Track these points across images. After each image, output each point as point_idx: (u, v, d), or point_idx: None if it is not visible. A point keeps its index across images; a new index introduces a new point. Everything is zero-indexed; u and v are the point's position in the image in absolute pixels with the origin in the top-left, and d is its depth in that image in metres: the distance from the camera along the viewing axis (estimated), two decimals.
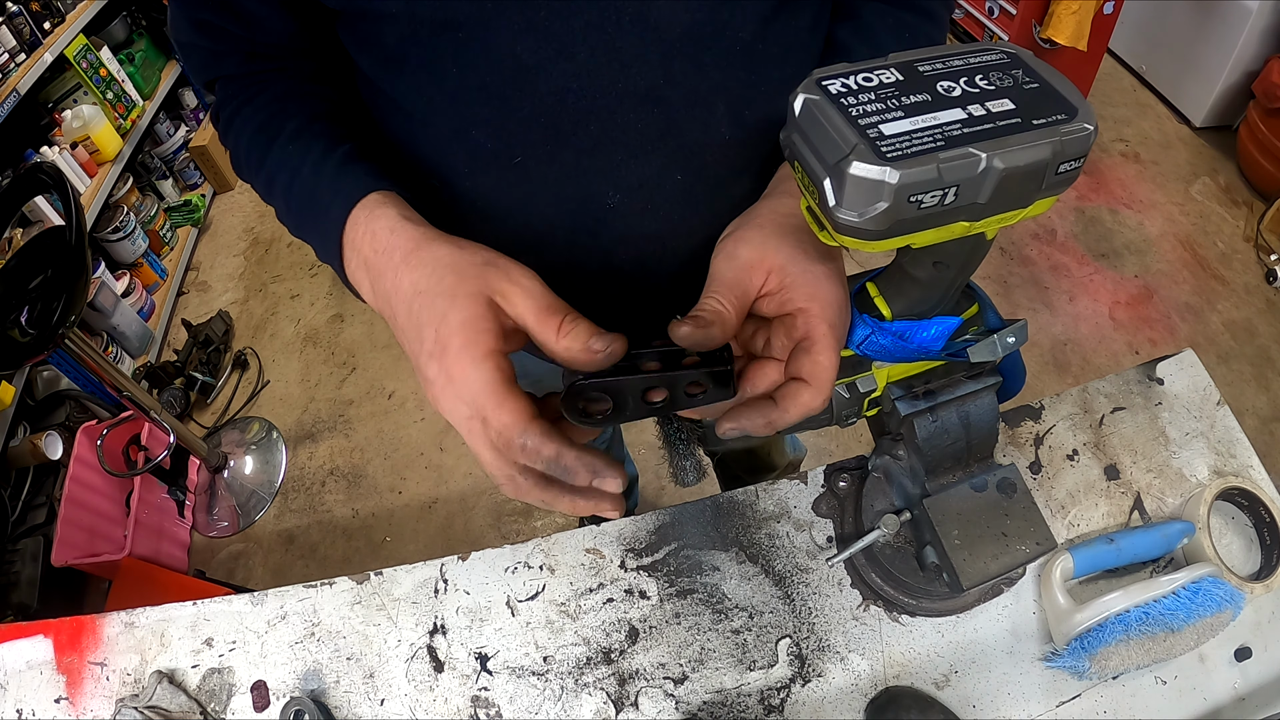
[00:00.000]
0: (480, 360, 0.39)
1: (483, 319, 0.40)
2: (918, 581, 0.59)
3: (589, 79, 0.48)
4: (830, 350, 0.43)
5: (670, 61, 0.48)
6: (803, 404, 0.43)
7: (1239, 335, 2.03)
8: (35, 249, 1.46)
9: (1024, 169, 0.32)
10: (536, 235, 0.55)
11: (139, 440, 1.79)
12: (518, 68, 0.47)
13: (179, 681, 0.65)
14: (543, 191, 0.53)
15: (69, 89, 2.26)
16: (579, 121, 0.49)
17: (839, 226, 0.34)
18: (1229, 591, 0.58)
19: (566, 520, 1.83)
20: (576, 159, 0.51)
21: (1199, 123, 2.55)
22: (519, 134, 0.50)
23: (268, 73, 0.57)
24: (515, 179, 0.52)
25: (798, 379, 0.44)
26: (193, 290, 2.57)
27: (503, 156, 0.51)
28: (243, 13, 0.52)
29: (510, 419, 0.39)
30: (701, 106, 0.50)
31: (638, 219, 0.54)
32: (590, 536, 0.68)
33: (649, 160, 0.52)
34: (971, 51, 0.37)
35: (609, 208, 0.53)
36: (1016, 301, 2.16)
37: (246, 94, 0.56)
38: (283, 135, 0.52)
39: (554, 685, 0.63)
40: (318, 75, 0.58)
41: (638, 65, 0.48)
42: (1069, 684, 0.61)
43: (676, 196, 0.54)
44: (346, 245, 0.48)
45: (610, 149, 0.51)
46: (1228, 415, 0.72)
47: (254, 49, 0.55)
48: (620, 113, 0.49)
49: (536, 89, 0.48)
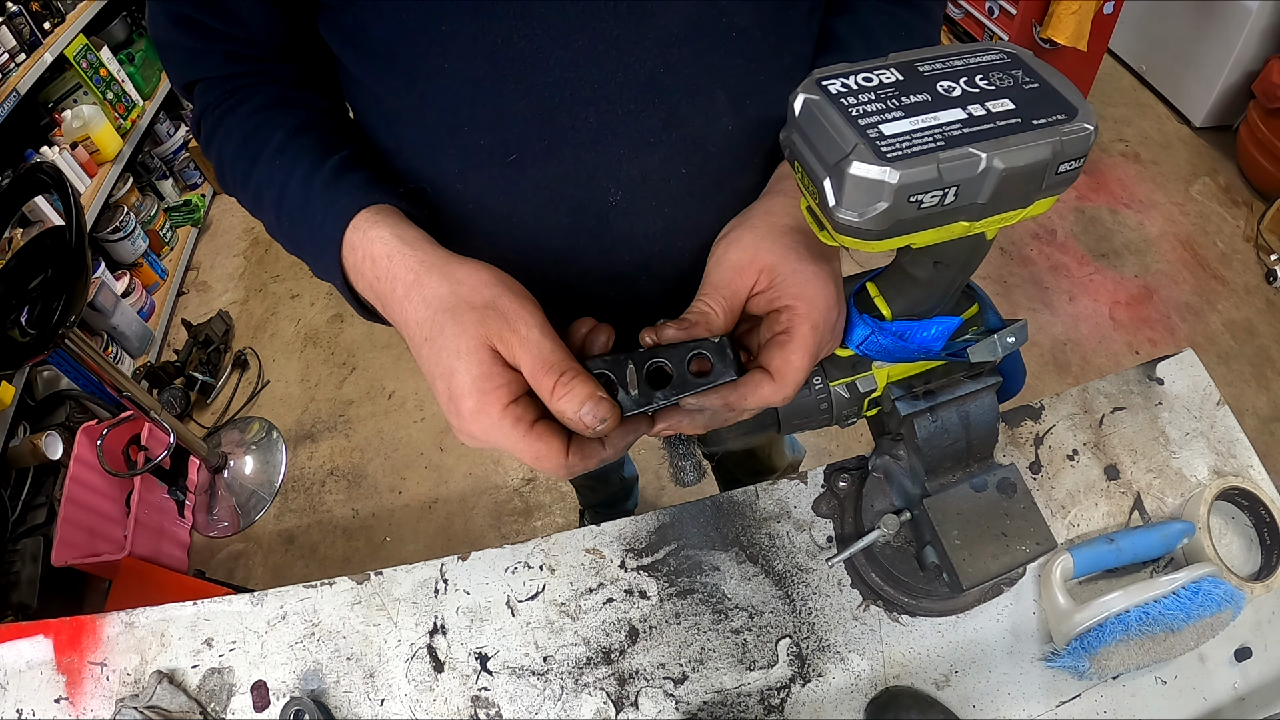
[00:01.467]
0: (498, 420, 0.39)
1: (488, 377, 0.39)
2: (918, 581, 0.59)
3: (586, 68, 0.46)
4: (804, 351, 0.43)
5: (669, 49, 0.47)
6: (762, 396, 0.43)
7: (1239, 335, 2.03)
8: (35, 249, 1.46)
9: (1024, 169, 0.32)
10: (534, 239, 0.53)
11: (139, 440, 1.79)
12: (511, 57, 0.45)
13: (179, 681, 0.65)
14: (540, 190, 0.51)
15: (69, 89, 2.26)
16: (577, 114, 0.48)
17: (839, 226, 0.34)
18: (1229, 591, 0.58)
19: (566, 520, 1.83)
20: (576, 154, 0.49)
21: (1199, 123, 2.55)
22: (514, 129, 0.48)
23: (250, 76, 0.54)
24: (511, 178, 0.50)
25: (764, 370, 0.43)
26: (193, 290, 2.57)
27: (497, 154, 0.49)
28: (224, 6, 0.50)
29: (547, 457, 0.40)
30: (703, 96, 0.49)
31: (641, 217, 0.53)
32: (590, 536, 0.68)
33: (652, 153, 0.50)
34: (971, 51, 0.37)
35: (611, 205, 0.52)
36: (1016, 301, 2.16)
37: (229, 103, 0.53)
38: (269, 149, 0.50)
39: (554, 685, 0.63)
40: (302, 79, 0.56)
41: (636, 53, 0.46)
42: (1069, 684, 0.61)
43: (681, 192, 0.53)
44: (349, 270, 0.47)
45: (611, 143, 0.49)
46: (1228, 415, 0.72)
47: (235, 47, 0.52)
48: (620, 103, 0.48)
49: (531, 81, 0.46)
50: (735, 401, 0.43)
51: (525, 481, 1.90)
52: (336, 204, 0.47)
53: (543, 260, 0.55)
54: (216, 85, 0.54)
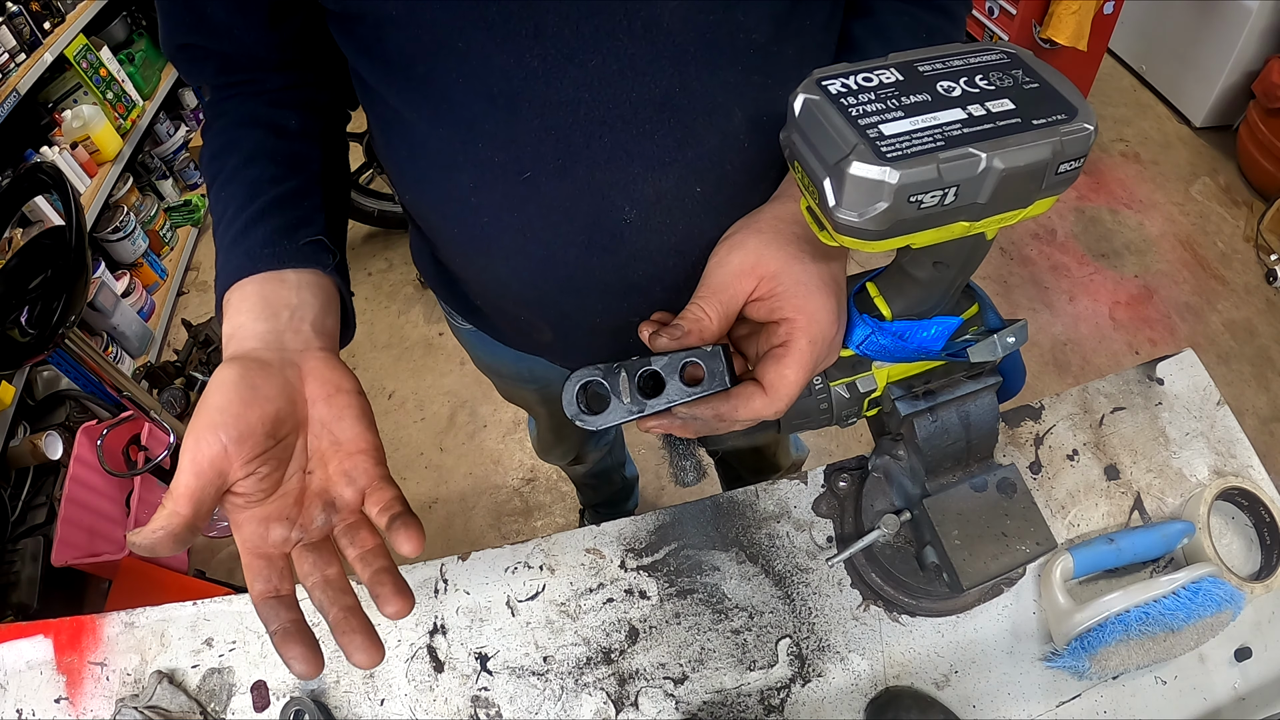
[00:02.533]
0: None
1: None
2: (918, 581, 0.59)
3: (600, 88, 0.46)
4: (800, 366, 0.43)
5: (685, 67, 0.46)
6: (754, 409, 0.43)
7: (1239, 335, 2.03)
8: (35, 249, 1.46)
9: (1024, 169, 0.32)
10: (547, 253, 0.53)
11: (139, 440, 1.79)
12: (524, 76, 0.45)
13: (179, 681, 0.65)
14: (554, 208, 0.51)
15: (69, 89, 2.26)
16: (591, 133, 0.47)
17: (839, 226, 0.34)
18: (1229, 591, 0.58)
19: (567, 520, 1.83)
20: (590, 173, 0.49)
21: (1199, 123, 2.55)
22: (527, 147, 0.48)
23: (238, 86, 0.56)
24: (524, 195, 0.50)
25: (757, 383, 0.43)
26: (193, 290, 2.57)
27: (510, 171, 0.49)
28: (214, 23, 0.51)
29: None
30: (720, 114, 0.48)
31: (656, 234, 0.52)
32: (590, 536, 0.68)
33: (667, 173, 0.49)
34: (971, 51, 0.37)
35: (625, 223, 0.51)
36: (1016, 301, 2.16)
37: (212, 113, 0.56)
38: (221, 176, 0.53)
39: (554, 685, 0.63)
40: (285, 93, 0.56)
41: (651, 72, 0.46)
42: (1069, 684, 0.61)
43: (696, 209, 0.52)
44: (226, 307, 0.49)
45: (625, 162, 0.48)
46: (1228, 415, 0.72)
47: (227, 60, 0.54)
48: (635, 123, 0.47)
49: (546, 99, 0.46)
50: (726, 413, 0.43)
51: (525, 481, 1.90)
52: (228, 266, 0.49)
53: (557, 274, 0.55)
54: (212, 91, 0.57)
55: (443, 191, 0.53)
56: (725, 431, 0.47)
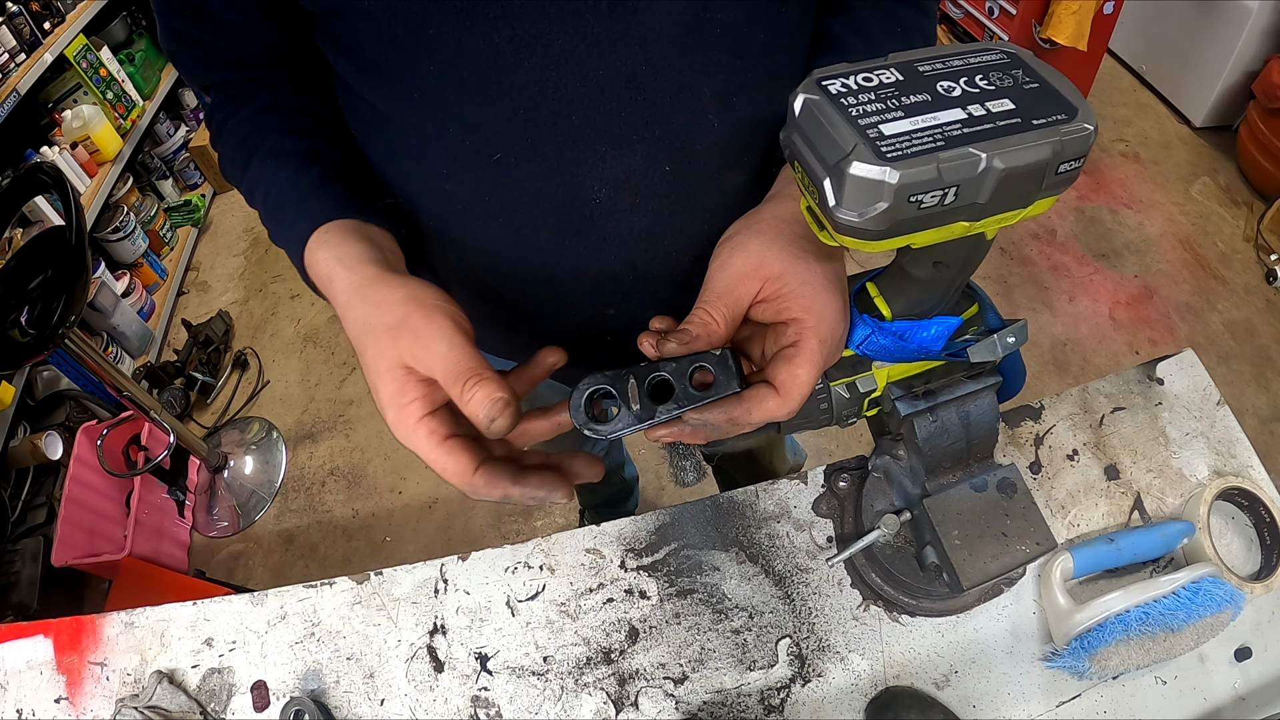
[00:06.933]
0: (412, 432, 0.42)
1: (401, 393, 0.42)
2: (918, 581, 0.59)
3: (567, 67, 0.47)
4: (812, 365, 0.43)
5: (651, 46, 0.47)
6: (767, 410, 0.43)
7: (1239, 335, 2.03)
8: (35, 249, 1.46)
9: (1024, 169, 0.32)
10: (521, 237, 0.54)
11: (139, 440, 1.79)
12: (493, 57, 0.46)
13: (179, 681, 0.65)
14: (524, 189, 0.52)
15: (69, 89, 2.26)
16: (558, 112, 0.48)
17: (839, 226, 0.34)
18: (1229, 591, 0.58)
19: (567, 520, 1.83)
20: (558, 152, 0.50)
21: (1199, 123, 2.55)
22: (497, 128, 0.49)
23: (250, 82, 0.57)
24: (495, 177, 0.51)
25: (770, 384, 0.43)
26: (193, 290, 2.57)
27: (481, 153, 0.50)
28: (218, 23, 0.52)
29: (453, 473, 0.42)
30: (687, 93, 0.49)
31: (626, 215, 0.53)
32: (590, 536, 0.68)
33: (633, 151, 0.50)
34: (971, 51, 0.37)
35: (595, 203, 0.52)
36: (1016, 301, 2.16)
37: (234, 105, 0.57)
38: (262, 149, 0.54)
39: (554, 685, 0.63)
40: (298, 83, 0.58)
41: (618, 50, 0.46)
42: (1069, 684, 0.61)
43: (665, 190, 0.53)
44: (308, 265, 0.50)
45: (592, 140, 0.49)
46: (1228, 415, 0.72)
47: (231, 57, 0.56)
48: (601, 101, 0.48)
49: (513, 80, 0.47)
50: (739, 416, 0.43)
51: None
52: (299, 222, 0.50)
53: (531, 259, 0.56)
54: (222, 88, 0.58)
55: (419, 182, 0.54)
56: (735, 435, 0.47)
